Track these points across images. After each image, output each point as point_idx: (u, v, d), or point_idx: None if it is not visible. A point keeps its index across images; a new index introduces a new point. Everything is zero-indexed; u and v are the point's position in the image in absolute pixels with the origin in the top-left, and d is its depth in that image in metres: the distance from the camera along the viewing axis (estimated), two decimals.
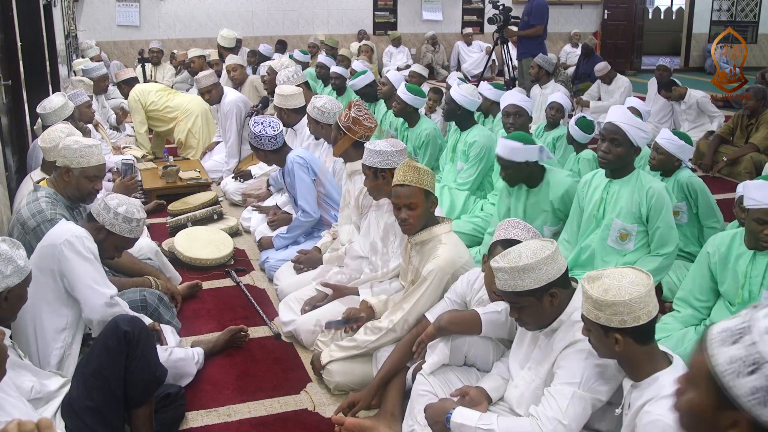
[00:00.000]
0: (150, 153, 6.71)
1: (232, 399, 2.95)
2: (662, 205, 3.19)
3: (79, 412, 2.30)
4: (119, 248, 2.85)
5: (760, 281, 2.72)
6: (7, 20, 4.57)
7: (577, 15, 14.88)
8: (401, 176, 2.85)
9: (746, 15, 14.84)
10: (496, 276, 2.18)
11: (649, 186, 3.22)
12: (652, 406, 1.85)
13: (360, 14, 13.81)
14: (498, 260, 2.17)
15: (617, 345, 1.92)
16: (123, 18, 12.50)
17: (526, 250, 2.15)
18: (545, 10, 8.81)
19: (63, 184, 3.18)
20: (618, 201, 3.27)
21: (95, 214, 2.74)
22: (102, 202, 2.75)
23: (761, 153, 6.16)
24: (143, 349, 2.40)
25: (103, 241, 2.75)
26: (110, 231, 2.73)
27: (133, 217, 2.76)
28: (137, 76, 7.40)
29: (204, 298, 3.94)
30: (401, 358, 2.77)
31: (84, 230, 2.71)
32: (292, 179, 4.20)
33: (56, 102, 4.50)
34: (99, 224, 2.73)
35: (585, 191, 3.44)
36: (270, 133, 4.15)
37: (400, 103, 5.24)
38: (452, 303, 2.75)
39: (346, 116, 3.73)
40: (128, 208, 2.76)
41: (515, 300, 2.18)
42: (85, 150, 3.15)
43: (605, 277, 1.94)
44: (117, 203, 2.75)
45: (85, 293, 2.62)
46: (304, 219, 4.16)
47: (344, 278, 3.45)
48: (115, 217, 2.72)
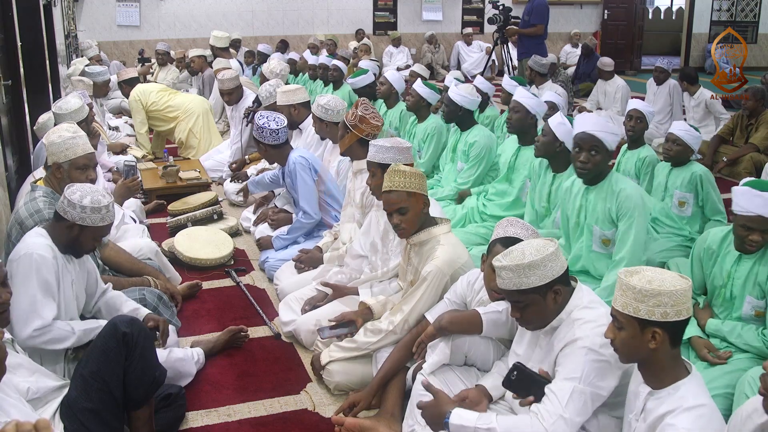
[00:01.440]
0: (150, 153, 6.72)
1: (232, 399, 2.95)
2: (629, 208, 3.14)
3: (78, 413, 2.29)
4: (97, 238, 2.74)
5: (742, 283, 2.75)
6: (7, 20, 4.57)
7: (577, 15, 14.89)
8: (388, 182, 2.85)
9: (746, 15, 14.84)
10: (499, 275, 2.16)
11: (620, 189, 3.19)
12: (676, 419, 1.83)
13: (360, 14, 13.82)
14: (501, 259, 2.16)
15: (653, 341, 1.88)
16: (123, 18, 12.51)
17: (530, 247, 2.14)
18: (546, 10, 8.82)
19: (57, 182, 3.16)
20: (595, 207, 3.27)
21: (62, 212, 2.62)
22: (65, 200, 2.62)
23: (761, 153, 6.16)
24: (142, 350, 2.39)
25: (78, 237, 2.65)
26: (82, 225, 2.62)
27: (100, 205, 2.62)
28: (138, 76, 7.40)
29: (204, 298, 3.94)
30: (401, 358, 2.77)
31: (46, 247, 2.61)
32: (293, 180, 4.20)
33: (73, 104, 4.45)
34: (69, 222, 2.62)
35: (567, 198, 3.45)
36: (272, 127, 4.16)
37: (414, 96, 5.29)
38: (452, 304, 2.74)
39: (353, 114, 3.77)
40: (93, 197, 2.63)
41: (519, 298, 2.17)
42: (69, 142, 3.13)
43: (646, 271, 1.92)
44: (80, 196, 2.62)
45: (18, 311, 2.52)
46: (305, 221, 4.16)
47: (344, 278, 3.45)
48: (82, 211, 2.60)
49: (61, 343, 2.59)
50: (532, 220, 3.93)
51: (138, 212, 4.70)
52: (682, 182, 3.99)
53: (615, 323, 1.95)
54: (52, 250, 2.63)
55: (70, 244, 2.69)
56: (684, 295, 1.86)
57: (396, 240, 3.24)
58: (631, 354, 1.96)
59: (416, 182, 2.83)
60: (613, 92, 8.25)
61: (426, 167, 5.22)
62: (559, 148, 3.66)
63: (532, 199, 3.96)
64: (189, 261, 4.27)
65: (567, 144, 3.60)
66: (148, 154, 6.64)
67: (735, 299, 2.78)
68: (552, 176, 3.82)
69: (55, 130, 3.23)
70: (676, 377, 1.92)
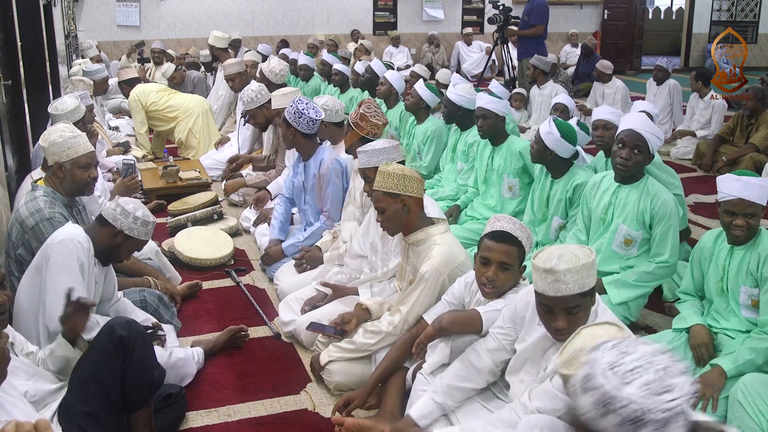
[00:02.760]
0: (150, 153, 6.72)
1: (232, 399, 2.95)
2: (665, 214, 3.19)
3: (76, 416, 2.28)
4: (132, 251, 2.89)
5: (735, 274, 2.79)
6: (7, 20, 4.57)
7: (577, 15, 14.89)
8: (375, 182, 2.92)
9: (746, 15, 14.84)
10: (560, 280, 2.03)
11: (656, 193, 3.22)
12: None
13: (360, 14, 13.81)
14: (556, 264, 2.03)
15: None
16: (123, 18, 12.50)
17: (569, 251, 2.08)
18: (545, 10, 8.82)
19: (58, 181, 3.18)
20: (625, 206, 3.28)
21: (111, 219, 2.73)
22: (118, 207, 2.75)
23: (761, 153, 6.16)
24: (140, 353, 2.38)
25: (120, 245, 2.77)
26: (128, 235, 2.75)
27: (149, 220, 2.80)
28: (139, 77, 7.41)
29: (204, 298, 3.94)
30: (397, 358, 2.77)
31: (85, 239, 2.69)
32: (324, 182, 4.06)
33: (69, 104, 4.45)
34: (117, 229, 2.73)
35: (593, 193, 3.45)
36: (312, 116, 4.03)
37: (414, 97, 5.27)
38: (449, 305, 2.75)
39: (356, 113, 3.85)
40: (144, 211, 2.79)
41: (578, 302, 2.07)
42: (71, 141, 3.15)
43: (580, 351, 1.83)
44: (134, 207, 2.77)
45: (51, 299, 2.58)
46: (326, 226, 4.07)
47: (344, 278, 3.46)
48: (134, 222, 2.74)
49: (88, 332, 2.58)
50: (531, 221, 3.93)
51: None
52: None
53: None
54: (89, 243, 2.71)
55: (108, 250, 2.79)
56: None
57: (395, 240, 3.24)
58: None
59: (395, 183, 2.85)
60: (612, 94, 8.25)
61: (428, 170, 5.22)
62: (550, 156, 3.65)
63: (532, 202, 3.97)
64: (189, 261, 4.27)
65: (558, 152, 3.62)
66: (148, 154, 6.64)
67: (731, 291, 2.82)
68: (550, 182, 3.80)
69: (54, 131, 3.23)
70: None
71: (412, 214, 2.89)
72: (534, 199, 3.95)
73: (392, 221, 2.90)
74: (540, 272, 2.08)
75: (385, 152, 3.22)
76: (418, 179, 2.90)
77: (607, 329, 1.91)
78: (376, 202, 2.92)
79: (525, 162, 4.17)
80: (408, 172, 2.88)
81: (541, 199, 3.85)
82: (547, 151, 3.64)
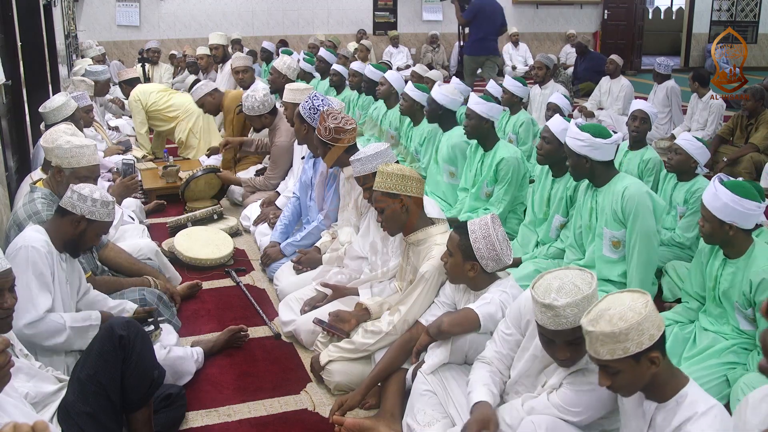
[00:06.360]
0: (150, 153, 6.72)
1: (232, 399, 2.95)
2: (634, 206, 3.18)
3: (76, 417, 2.28)
4: (99, 234, 2.83)
5: (728, 288, 2.81)
6: (7, 20, 4.57)
7: (576, 15, 14.89)
8: (375, 182, 2.93)
9: (746, 15, 14.84)
10: (558, 316, 2.00)
11: (624, 188, 3.22)
12: (695, 425, 1.81)
13: (360, 14, 13.82)
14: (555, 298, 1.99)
15: (653, 366, 1.84)
16: (123, 18, 12.51)
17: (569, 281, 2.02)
18: (474, 7, 8.47)
19: (56, 184, 3.18)
20: (603, 209, 3.29)
21: (69, 207, 2.70)
22: (74, 194, 2.71)
23: (761, 153, 6.16)
24: (140, 353, 2.37)
25: (84, 231, 2.73)
26: (90, 219, 2.71)
27: (108, 200, 2.77)
28: (139, 77, 7.41)
29: (204, 298, 3.94)
30: (394, 359, 2.77)
31: (42, 241, 2.64)
32: (330, 182, 4.01)
33: (57, 101, 4.47)
34: (77, 215, 2.70)
35: (581, 200, 3.47)
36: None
37: (407, 101, 5.22)
38: (443, 305, 2.77)
39: (326, 130, 3.62)
40: (101, 193, 2.76)
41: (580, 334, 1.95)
42: (76, 150, 3.15)
43: (605, 311, 1.85)
44: (89, 191, 2.73)
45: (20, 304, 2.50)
46: (323, 227, 4.04)
47: (344, 278, 3.46)
48: (93, 204, 2.71)
49: (54, 337, 2.60)
50: (531, 221, 3.93)
51: (138, 212, 4.71)
52: (682, 196, 4.02)
53: (608, 371, 1.87)
54: (48, 245, 2.67)
55: (73, 240, 2.74)
56: (652, 311, 1.83)
57: (396, 240, 3.24)
58: (636, 387, 1.91)
59: (394, 183, 2.86)
60: (618, 91, 8.23)
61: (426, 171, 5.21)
62: (564, 153, 3.57)
63: (533, 202, 3.96)
64: (189, 261, 4.27)
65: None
66: (148, 154, 6.64)
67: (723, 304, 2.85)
68: (551, 181, 3.81)
69: (62, 134, 3.23)
70: (677, 385, 1.89)
71: (411, 214, 2.89)
72: (535, 199, 3.95)
73: (392, 221, 2.90)
74: (539, 306, 2.03)
75: (379, 156, 3.20)
76: (417, 179, 2.90)
77: (631, 294, 1.90)
78: (375, 202, 2.92)
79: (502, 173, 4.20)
80: (407, 172, 2.89)
81: (542, 199, 3.85)
82: (562, 148, 3.53)
